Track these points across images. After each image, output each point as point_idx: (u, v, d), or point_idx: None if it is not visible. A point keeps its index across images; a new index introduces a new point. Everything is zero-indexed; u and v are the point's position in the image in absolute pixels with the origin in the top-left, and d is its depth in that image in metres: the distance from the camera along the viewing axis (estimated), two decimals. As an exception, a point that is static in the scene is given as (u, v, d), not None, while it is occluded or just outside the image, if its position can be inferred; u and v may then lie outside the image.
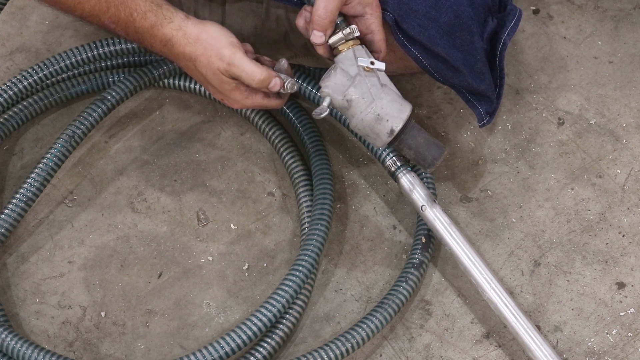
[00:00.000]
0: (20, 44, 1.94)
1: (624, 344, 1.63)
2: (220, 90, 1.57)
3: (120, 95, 1.77)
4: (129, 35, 1.57)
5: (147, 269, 1.71)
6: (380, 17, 1.57)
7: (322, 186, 1.69)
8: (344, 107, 1.54)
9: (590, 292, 1.67)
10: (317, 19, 1.52)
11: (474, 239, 1.72)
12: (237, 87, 1.55)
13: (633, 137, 1.81)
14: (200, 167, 1.80)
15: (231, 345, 1.55)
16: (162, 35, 1.54)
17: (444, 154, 1.58)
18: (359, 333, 1.59)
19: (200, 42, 1.54)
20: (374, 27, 1.56)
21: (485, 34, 1.65)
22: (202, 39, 1.54)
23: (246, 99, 1.57)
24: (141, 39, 1.56)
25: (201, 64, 1.54)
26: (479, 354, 1.63)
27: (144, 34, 1.55)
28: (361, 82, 1.52)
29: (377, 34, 1.57)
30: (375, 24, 1.56)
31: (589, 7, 1.97)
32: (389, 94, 1.53)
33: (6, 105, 1.75)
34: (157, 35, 1.55)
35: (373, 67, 1.54)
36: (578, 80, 1.88)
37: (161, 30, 1.54)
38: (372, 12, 1.55)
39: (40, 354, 1.56)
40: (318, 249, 1.62)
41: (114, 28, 1.57)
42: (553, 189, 1.77)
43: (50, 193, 1.78)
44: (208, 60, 1.53)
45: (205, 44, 1.54)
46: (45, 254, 1.72)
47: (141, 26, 1.55)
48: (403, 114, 1.54)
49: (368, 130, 1.54)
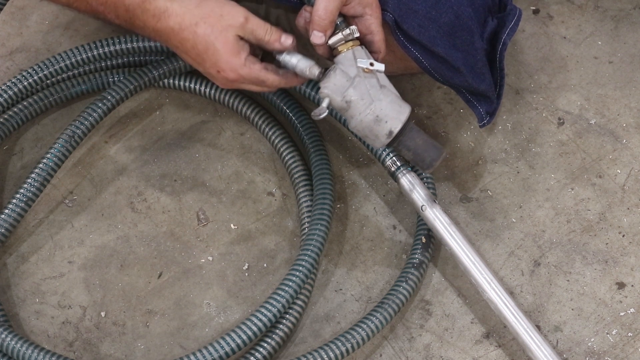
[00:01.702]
0: (20, 44, 1.94)
1: (624, 344, 1.63)
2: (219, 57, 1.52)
3: (120, 95, 1.77)
4: (119, 17, 1.53)
5: (147, 269, 1.71)
6: (379, 18, 1.57)
7: (322, 186, 1.69)
8: (343, 108, 1.54)
9: (590, 292, 1.67)
10: (317, 20, 1.52)
11: (474, 239, 1.72)
12: (240, 49, 1.52)
13: (633, 137, 1.81)
14: (200, 167, 1.80)
15: (231, 345, 1.55)
16: (155, 8, 1.50)
17: (442, 155, 1.58)
18: (359, 333, 1.59)
19: (204, 6, 1.50)
20: (374, 28, 1.56)
21: (486, 34, 1.65)
22: (205, 4, 1.51)
23: (244, 66, 1.53)
24: (132, 17, 1.52)
25: (205, 25, 1.50)
26: (479, 354, 1.63)
27: (135, 11, 1.51)
28: (360, 84, 1.53)
29: (376, 34, 1.57)
30: (375, 24, 1.56)
31: (589, 7, 1.97)
32: (388, 96, 1.54)
33: (6, 105, 1.75)
34: (150, 9, 1.51)
35: (372, 69, 1.54)
36: (578, 80, 1.88)
37: (154, 3, 1.51)
38: (372, 13, 1.55)
39: (40, 354, 1.56)
40: (318, 249, 1.62)
41: (103, 10, 1.53)
42: (553, 189, 1.77)
43: (50, 193, 1.78)
44: (216, 20, 1.50)
45: (211, 6, 1.50)
46: (45, 254, 1.73)
47: (132, 2, 1.51)
48: (402, 115, 1.54)
49: (367, 131, 1.54)
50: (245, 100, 1.81)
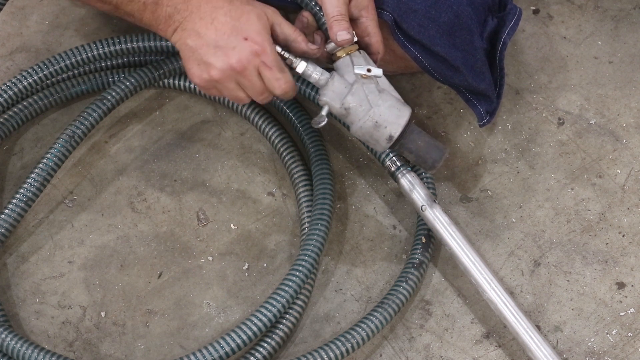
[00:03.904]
0: (20, 44, 1.94)
1: (624, 344, 1.63)
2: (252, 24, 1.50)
3: (120, 95, 1.77)
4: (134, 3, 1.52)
5: (147, 269, 1.71)
6: (375, 19, 1.57)
7: (322, 186, 1.69)
8: (342, 114, 1.54)
9: (590, 292, 1.67)
10: (333, 20, 1.53)
11: (474, 239, 1.72)
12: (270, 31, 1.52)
13: (633, 137, 1.81)
14: (200, 167, 1.80)
15: (231, 345, 1.55)
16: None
17: (444, 155, 1.58)
18: (359, 333, 1.59)
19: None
20: (371, 30, 1.56)
21: (485, 33, 1.65)
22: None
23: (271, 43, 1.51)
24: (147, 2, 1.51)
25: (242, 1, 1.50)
26: (479, 354, 1.63)
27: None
28: (358, 90, 1.53)
29: (373, 36, 1.57)
30: (372, 26, 1.56)
31: (589, 7, 1.97)
32: (387, 100, 1.54)
33: (6, 105, 1.75)
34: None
35: (370, 74, 1.54)
36: (578, 80, 1.88)
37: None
38: (368, 15, 1.56)
39: (40, 354, 1.56)
40: (318, 249, 1.62)
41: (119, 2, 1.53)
42: (553, 189, 1.77)
43: (50, 193, 1.78)
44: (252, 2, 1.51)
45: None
46: (45, 254, 1.73)
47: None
48: (401, 119, 1.54)
49: (367, 137, 1.55)
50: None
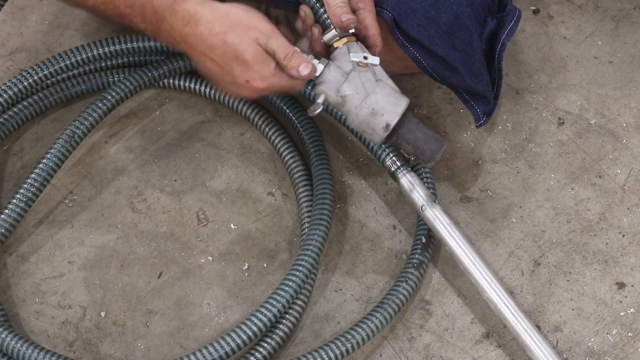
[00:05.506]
0: (20, 44, 1.94)
1: (624, 344, 1.63)
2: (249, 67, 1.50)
3: (120, 95, 1.77)
4: (146, 20, 1.52)
5: (147, 269, 1.71)
6: (373, 12, 1.57)
7: (322, 186, 1.69)
8: (339, 103, 1.54)
9: (590, 292, 1.67)
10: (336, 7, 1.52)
11: (474, 239, 1.72)
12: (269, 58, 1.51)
13: (633, 137, 1.81)
14: (200, 167, 1.80)
15: (231, 345, 1.55)
16: (185, 10, 1.48)
17: (443, 147, 1.57)
18: (359, 333, 1.59)
19: (233, 15, 1.49)
20: (368, 22, 1.56)
21: (485, 34, 1.65)
22: (234, 12, 1.49)
23: (274, 75, 1.51)
24: (159, 20, 1.51)
25: (234, 35, 1.48)
26: (479, 354, 1.63)
27: (164, 12, 1.49)
28: (355, 78, 1.52)
29: (371, 28, 1.56)
30: (369, 18, 1.56)
31: (589, 7, 1.97)
32: (384, 88, 1.53)
33: (6, 105, 1.75)
34: (179, 11, 1.48)
35: (367, 62, 1.53)
36: (578, 80, 1.88)
37: (183, 5, 1.48)
38: (365, 7, 1.56)
39: (40, 354, 1.56)
40: (318, 249, 1.62)
41: (130, 13, 1.52)
42: (553, 189, 1.77)
43: (50, 193, 1.78)
44: (244, 32, 1.48)
45: (240, 16, 1.49)
46: (45, 254, 1.73)
47: (160, 4, 1.49)
48: (398, 107, 1.53)
49: (364, 125, 1.54)
50: (245, 101, 1.81)
